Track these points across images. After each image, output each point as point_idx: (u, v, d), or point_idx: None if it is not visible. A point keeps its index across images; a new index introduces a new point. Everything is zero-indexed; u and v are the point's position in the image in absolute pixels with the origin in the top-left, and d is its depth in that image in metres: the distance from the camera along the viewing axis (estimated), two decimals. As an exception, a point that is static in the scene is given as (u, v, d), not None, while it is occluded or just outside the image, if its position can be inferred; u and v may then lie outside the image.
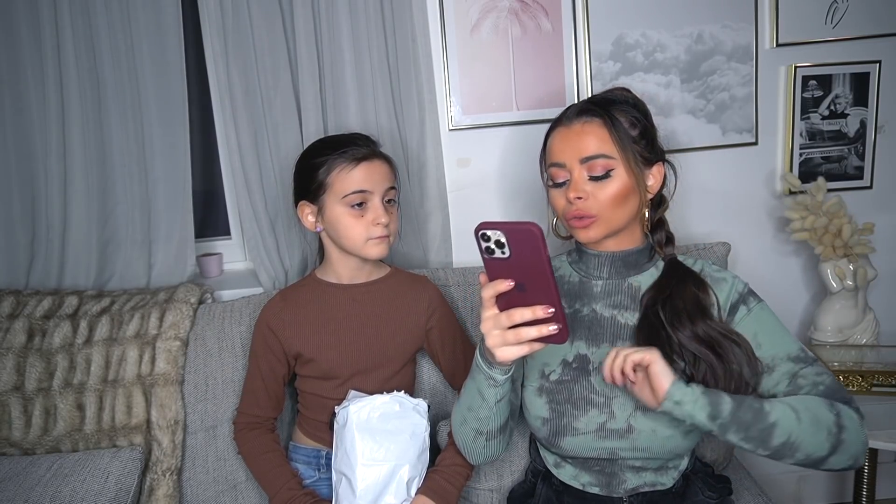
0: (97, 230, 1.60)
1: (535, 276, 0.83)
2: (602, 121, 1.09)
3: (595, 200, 1.09)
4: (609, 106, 1.11)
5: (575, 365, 1.13)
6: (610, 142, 1.08)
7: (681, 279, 1.12)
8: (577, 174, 1.10)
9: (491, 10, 1.67)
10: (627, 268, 1.17)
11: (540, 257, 0.80)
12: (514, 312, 0.87)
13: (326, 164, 1.27)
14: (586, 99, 1.17)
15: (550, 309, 0.84)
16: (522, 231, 0.79)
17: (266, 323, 1.35)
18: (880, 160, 1.81)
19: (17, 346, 1.40)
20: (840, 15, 1.72)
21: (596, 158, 1.08)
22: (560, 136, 1.13)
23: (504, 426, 1.12)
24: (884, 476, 1.86)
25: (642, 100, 1.18)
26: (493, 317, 0.89)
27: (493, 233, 0.82)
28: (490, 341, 0.91)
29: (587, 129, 1.09)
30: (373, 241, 1.28)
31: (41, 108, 1.53)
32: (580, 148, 1.09)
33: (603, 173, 1.08)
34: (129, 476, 1.31)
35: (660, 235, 1.19)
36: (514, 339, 0.88)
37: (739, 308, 1.10)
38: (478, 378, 1.03)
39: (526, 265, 0.82)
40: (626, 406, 1.08)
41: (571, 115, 1.13)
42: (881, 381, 1.48)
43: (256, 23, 1.52)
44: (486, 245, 0.83)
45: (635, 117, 1.12)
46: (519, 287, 0.85)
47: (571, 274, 1.22)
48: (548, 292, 0.83)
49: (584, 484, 1.15)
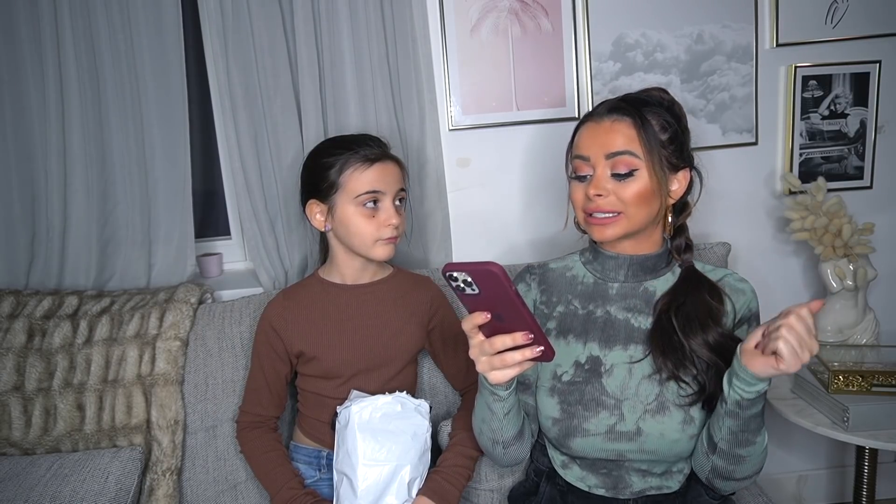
0: (97, 230, 1.59)
1: (506, 308, 0.87)
2: (632, 120, 1.09)
3: (616, 198, 1.08)
4: (642, 106, 1.10)
5: (587, 366, 1.13)
6: (637, 141, 1.08)
7: (695, 287, 1.12)
8: (600, 170, 1.09)
9: (491, 10, 1.67)
10: (645, 272, 1.16)
11: (506, 293, 0.84)
12: (496, 340, 0.90)
13: (339, 163, 1.27)
14: (621, 96, 1.16)
15: (530, 335, 0.89)
16: (484, 272, 0.82)
17: (269, 322, 1.35)
18: (880, 160, 1.81)
19: (17, 346, 1.40)
20: (840, 15, 1.72)
21: (621, 155, 1.08)
22: (588, 130, 1.12)
23: (519, 433, 1.13)
24: (884, 476, 1.86)
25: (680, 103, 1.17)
26: (478, 344, 0.93)
27: (459, 273, 0.85)
28: (479, 367, 0.95)
29: (616, 126, 1.09)
30: (381, 243, 1.28)
31: (41, 108, 1.53)
32: (607, 143, 1.09)
33: (626, 171, 1.08)
34: (129, 476, 1.31)
35: (679, 241, 1.18)
36: (501, 364, 0.92)
37: (744, 326, 1.12)
38: (484, 393, 1.07)
39: (496, 299, 0.86)
40: (635, 408, 1.09)
41: (602, 112, 1.12)
42: (881, 381, 1.48)
43: (256, 23, 1.52)
44: (455, 284, 0.87)
45: (667, 121, 1.11)
46: (496, 317, 0.89)
47: (585, 275, 1.21)
48: (523, 321, 0.87)
49: (591, 486, 1.15)
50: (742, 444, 1.02)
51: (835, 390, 1.49)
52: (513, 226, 1.77)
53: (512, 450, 1.15)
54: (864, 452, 1.60)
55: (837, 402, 1.46)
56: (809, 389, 1.57)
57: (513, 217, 1.77)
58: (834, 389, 1.49)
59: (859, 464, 1.62)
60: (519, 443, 1.14)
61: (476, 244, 1.77)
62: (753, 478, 1.09)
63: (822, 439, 1.73)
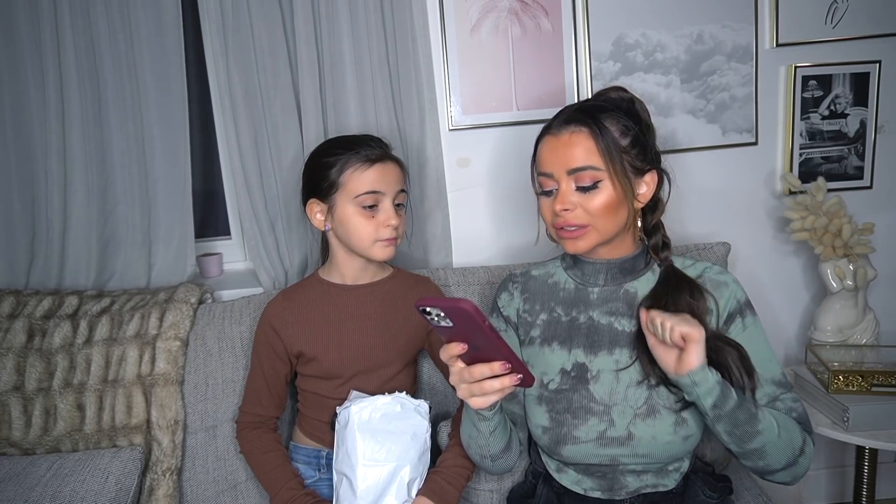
0: (97, 230, 1.60)
1: (481, 341, 0.88)
2: (590, 130, 1.07)
3: (583, 211, 1.08)
4: (598, 113, 1.09)
5: (573, 374, 1.13)
6: (597, 153, 1.06)
7: (677, 287, 1.11)
8: (564, 185, 1.09)
9: (491, 10, 1.67)
10: (624, 274, 1.16)
11: (480, 328, 0.85)
12: (475, 369, 0.92)
13: (340, 163, 1.27)
14: (577, 105, 1.14)
15: (507, 365, 0.91)
16: (457, 310, 0.83)
17: (268, 322, 1.35)
18: (880, 160, 1.81)
19: (17, 346, 1.40)
20: (840, 15, 1.72)
21: (583, 170, 1.07)
22: (548, 145, 1.11)
23: (507, 447, 1.13)
24: (884, 476, 1.86)
25: (641, 99, 1.15)
26: (458, 372, 0.94)
27: (433, 309, 0.86)
28: (459, 393, 0.96)
29: (574, 139, 1.08)
30: (381, 244, 1.28)
31: (41, 108, 1.53)
32: (567, 159, 1.08)
33: (590, 184, 1.07)
34: (129, 476, 1.31)
35: (656, 240, 1.17)
36: (480, 392, 0.94)
37: (735, 320, 1.11)
38: (469, 412, 1.08)
39: (470, 332, 0.88)
40: (625, 413, 1.08)
41: (559, 124, 1.10)
42: (881, 381, 1.48)
43: (256, 23, 1.52)
44: (429, 318, 0.88)
45: (626, 125, 1.09)
46: (473, 347, 0.90)
47: (567, 280, 1.21)
48: (498, 351, 0.90)
49: (587, 489, 1.15)
50: (747, 439, 1.01)
51: (835, 390, 1.49)
52: (513, 226, 1.77)
53: (500, 462, 1.15)
54: (864, 452, 1.60)
55: (837, 402, 1.46)
56: (809, 389, 1.57)
57: (513, 217, 1.77)
58: (834, 389, 1.49)
59: (859, 464, 1.62)
60: (507, 455, 1.15)
61: (476, 244, 1.77)
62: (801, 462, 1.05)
63: (822, 439, 1.72)
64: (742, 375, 1.04)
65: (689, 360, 0.98)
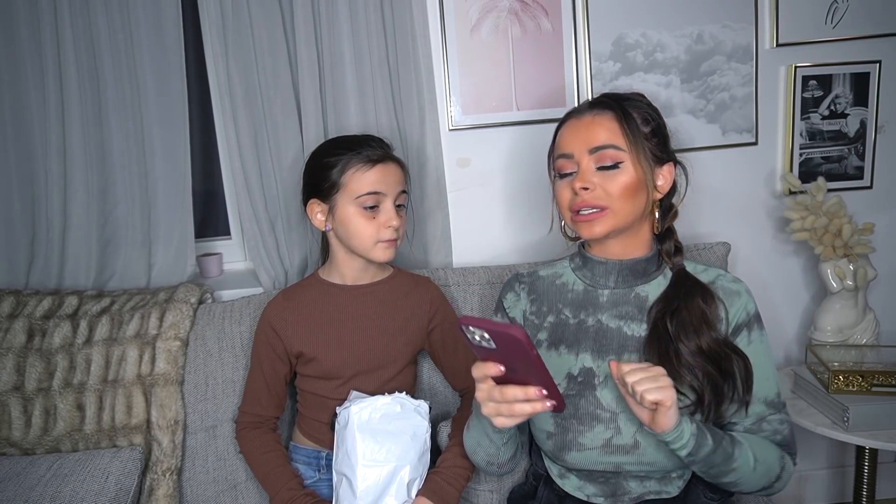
0: (97, 230, 1.59)
1: (521, 366, 0.84)
2: (614, 113, 1.08)
3: (603, 192, 1.07)
4: (622, 100, 1.10)
5: (580, 379, 1.10)
6: (620, 134, 1.07)
7: (689, 292, 1.10)
8: (584, 164, 1.08)
9: (491, 10, 1.67)
10: (635, 276, 1.14)
11: (527, 356, 0.81)
12: (507, 391, 0.89)
13: (341, 163, 1.27)
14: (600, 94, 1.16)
15: (543, 391, 0.87)
16: (506, 336, 0.80)
17: (268, 322, 1.35)
18: (880, 160, 1.81)
19: (17, 346, 1.40)
20: (840, 15, 1.72)
21: (605, 149, 1.07)
22: (570, 127, 1.12)
23: (515, 454, 1.13)
24: (884, 476, 1.86)
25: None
26: (487, 390, 0.91)
27: (477, 330, 0.82)
28: (485, 410, 0.93)
29: (598, 120, 1.08)
30: (382, 244, 1.28)
31: (41, 108, 1.53)
32: (589, 138, 1.08)
33: (611, 164, 1.06)
34: (129, 476, 1.31)
35: (668, 245, 1.16)
36: (508, 413, 0.90)
37: (742, 332, 1.10)
38: (483, 422, 1.06)
39: (513, 357, 0.84)
40: (632, 421, 1.06)
41: (583, 108, 1.12)
42: (881, 381, 1.48)
43: (256, 23, 1.52)
44: (470, 336, 0.84)
45: (648, 115, 1.11)
46: (510, 370, 0.87)
47: (575, 282, 1.18)
48: (539, 377, 0.85)
49: (589, 495, 1.13)
50: (721, 476, 1.03)
51: (835, 390, 1.49)
52: (513, 226, 1.77)
53: (506, 467, 1.15)
54: (864, 452, 1.60)
55: (837, 402, 1.46)
56: (809, 389, 1.57)
57: (513, 217, 1.77)
58: (834, 389, 1.50)
59: (859, 464, 1.62)
60: (514, 461, 1.15)
61: (476, 244, 1.77)
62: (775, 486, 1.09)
63: (822, 439, 1.72)
64: (742, 389, 1.04)
65: (661, 423, 0.95)
